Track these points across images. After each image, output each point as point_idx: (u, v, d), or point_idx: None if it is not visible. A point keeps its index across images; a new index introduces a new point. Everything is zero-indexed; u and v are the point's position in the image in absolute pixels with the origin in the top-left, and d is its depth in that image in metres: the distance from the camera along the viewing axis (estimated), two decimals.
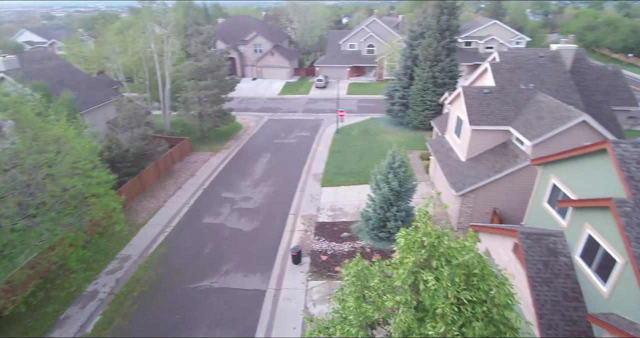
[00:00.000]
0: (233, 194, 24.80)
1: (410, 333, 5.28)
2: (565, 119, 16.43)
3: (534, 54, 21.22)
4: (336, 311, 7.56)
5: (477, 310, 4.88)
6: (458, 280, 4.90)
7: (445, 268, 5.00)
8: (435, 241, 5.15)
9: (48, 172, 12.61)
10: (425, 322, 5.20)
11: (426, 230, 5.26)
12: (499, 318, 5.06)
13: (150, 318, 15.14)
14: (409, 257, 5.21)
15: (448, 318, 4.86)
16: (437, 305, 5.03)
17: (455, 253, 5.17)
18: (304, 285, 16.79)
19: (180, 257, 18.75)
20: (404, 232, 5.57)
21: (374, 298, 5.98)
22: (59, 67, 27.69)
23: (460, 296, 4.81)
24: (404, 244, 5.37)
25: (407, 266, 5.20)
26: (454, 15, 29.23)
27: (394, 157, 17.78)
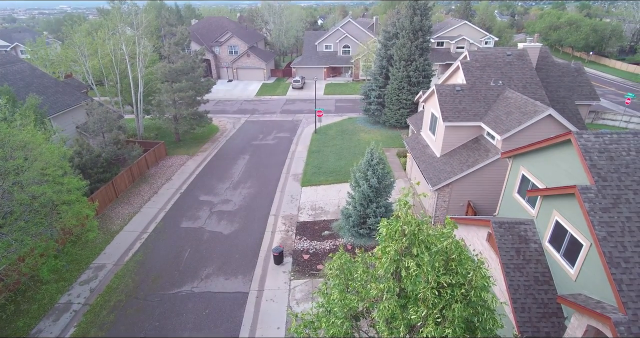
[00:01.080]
0: (212, 197, 24.44)
1: (394, 320, 5.40)
2: (532, 113, 17.17)
3: (502, 52, 22.06)
4: (320, 305, 7.61)
5: (456, 292, 5.06)
6: (437, 265, 5.07)
7: (426, 254, 5.15)
8: (416, 229, 5.31)
9: (15, 179, 12.03)
10: (407, 308, 5.34)
11: (406, 219, 5.40)
12: (477, 300, 5.26)
13: (128, 327, 14.69)
14: (390, 245, 5.34)
15: (429, 301, 5.02)
16: (418, 290, 5.18)
17: (434, 241, 5.34)
18: (287, 284, 16.76)
19: (158, 263, 18.29)
20: (385, 222, 5.70)
21: (358, 288, 6.07)
22: (24, 71, 26.47)
23: (440, 280, 4.97)
24: (385, 234, 5.49)
25: (390, 254, 5.32)
26: (426, 15, 29.97)
27: (372, 155, 18.03)
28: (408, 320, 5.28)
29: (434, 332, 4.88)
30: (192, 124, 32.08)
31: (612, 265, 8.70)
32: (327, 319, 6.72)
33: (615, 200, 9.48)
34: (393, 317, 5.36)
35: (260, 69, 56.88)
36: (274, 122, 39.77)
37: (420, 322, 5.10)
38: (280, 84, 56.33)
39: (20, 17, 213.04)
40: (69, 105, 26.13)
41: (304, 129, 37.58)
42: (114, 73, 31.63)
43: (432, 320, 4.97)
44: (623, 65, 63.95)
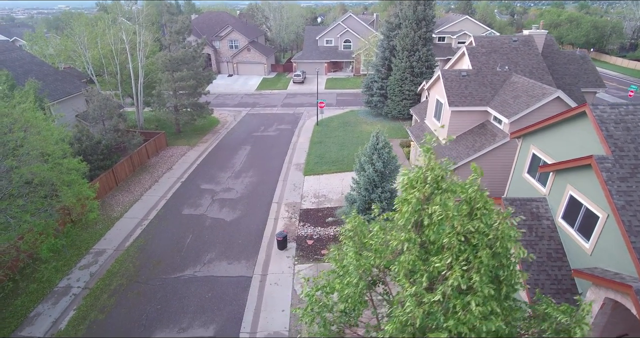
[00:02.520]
0: (213, 186, 24.12)
1: (414, 273, 5.12)
2: (540, 96, 16.93)
3: (508, 38, 21.83)
4: (332, 271, 7.33)
5: (482, 240, 4.78)
6: (462, 213, 4.79)
7: (452, 198, 4.88)
8: (440, 175, 5.02)
9: (15, 153, 11.72)
10: (428, 259, 5.06)
11: (430, 165, 5.11)
12: (503, 252, 4.98)
13: (129, 310, 14.36)
14: (412, 193, 5.05)
15: (454, 249, 4.73)
16: (442, 238, 4.89)
17: (458, 189, 5.06)
18: (291, 269, 16.46)
19: (159, 248, 17.97)
20: (406, 170, 5.42)
21: (375, 246, 5.78)
22: (23, 58, 26.13)
23: (467, 226, 4.69)
24: (407, 182, 5.20)
25: (412, 203, 5.04)
26: (430, 5, 29.75)
27: (377, 138, 17.73)
28: (430, 271, 5.00)
29: (460, 279, 4.59)
30: (193, 114, 31.77)
31: (631, 233, 8.44)
32: (340, 281, 6.43)
33: (632, 169, 9.23)
34: (414, 269, 5.07)
35: (261, 64, 56.60)
36: (275, 115, 39.48)
37: (444, 270, 4.82)
38: (281, 78, 56.05)
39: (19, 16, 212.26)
40: (68, 93, 25.79)
41: (306, 121, 37.31)
42: (113, 64, 31.26)
43: (458, 267, 4.69)
44: (624, 61, 63.90)
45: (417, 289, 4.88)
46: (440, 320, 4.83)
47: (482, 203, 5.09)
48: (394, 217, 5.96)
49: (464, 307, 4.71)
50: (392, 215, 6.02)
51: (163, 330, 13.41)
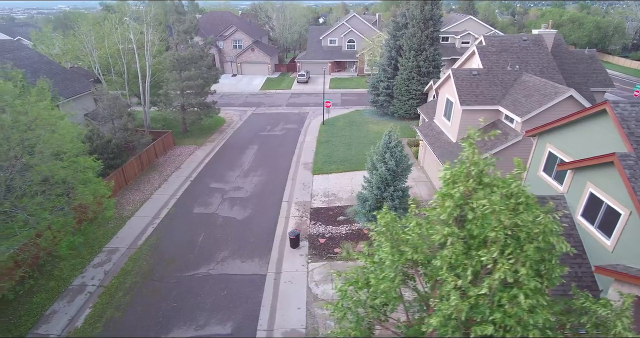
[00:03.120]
0: (222, 185, 24.15)
1: (457, 266, 5.16)
2: (553, 95, 16.98)
3: (518, 38, 21.89)
4: (362, 267, 7.36)
5: (529, 233, 4.81)
6: (510, 206, 4.83)
7: (497, 193, 4.92)
8: (485, 169, 5.06)
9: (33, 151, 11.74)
10: (471, 254, 5.10)
11: (473, 160, 5.15)
12: (545, 246, 5.02)
13: (145, 308, 14.39)
14: (455, 188, 5.09)
15: (500, 243, 4.77)
16: (486, 232, 4.93)
17: (500, 183, 5.10)
18: (305, 267, 16.49)
19: (172, 247, 18.00)
20: (447, 165, 5.46)
21: (412, 240, 5.82)
22: (32, 57, 26.15)
23: (514, 219, 4.73)
24: (449, 177, 5.24)
25: (455, 197, 5.08)
26: (437, 4, 29.80)
27: (390, 137, 17.78)
28: (473, 265, 5.03)
29: (507, 273, 4.64)
30: (200, 114, 31.80)
31: None
32: (375, 276, 6.47)
33: None
34: (457, 261, 5.11)
35: (265, 64, 56.65)
36: (281, 115, 39.52)
37: (490, 264, 4.85)
38: (285, 78, 56.10)
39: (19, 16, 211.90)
40: (77, 92, 25.81)
41: (311, 121, 37.35)
42: (120, 63, 31.28)
43: (503, 261, 4.73)
44: (627, 61, 64.02)
45: (463, 283, 4.92)
46: (486, 313, 4.87)
47: (524, 198, 5.13)
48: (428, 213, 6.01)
49: (510, 299, 4.75)
50: (428, 211, 6.06)
51: (180, 327, 13.44)
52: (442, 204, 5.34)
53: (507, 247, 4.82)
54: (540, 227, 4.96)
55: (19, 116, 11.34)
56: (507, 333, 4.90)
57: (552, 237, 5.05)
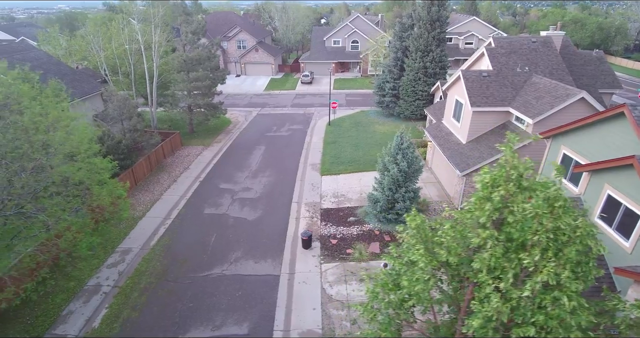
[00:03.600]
0: (232, 185, 24.24)
1: (495, 269, 5.25)
2: (564, 96, 17.08)
3: (527, 39, 21.99)
4: (391, 269, 7.45)
5: (570, 236, 4.91)
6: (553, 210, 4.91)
7: (540, 196, 5.01)
8: (524, 173, 5.16)
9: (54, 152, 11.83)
10: (510, 256, 5.19)
11: (513, 164, 5.25)
12: (582, 248, 5.11)
13: (162, 308, 14.48)
14: (496, 191, 5.18)
15: (542, 245, 4.87)
16: (526, 235, 5.02)
17: (539, 187, 5.19)
18: (318, 268, 16.58)
19: (185, 247, 18.08)
20: (487, 169, 5.55)
21: (448, 243, 5.91)
22: (41, 58, 26.21)
23: (557, 223, 4.82)
24: (488, 180, 5.33)
25: (494, 201, 5.17)
26: (444, 6, 29.91)
27: (402, 138, 17.89)
28: (513, 267, 5.12)
29: (550, 276, 4.73)
30: (207, 114, 31.89)
31: None
32: (408, 278, 6.55)
33: None
34: (496, 264, 5.20)
35: (269, 64, 56.73)
36: (286, 115, 39.61)
37: (532, 267, 4.94)
38: (289, 78, 56.19)
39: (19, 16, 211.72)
40: (86, 92, 25.87)
41: (317, 121, 37.45)
42: (128, 63, 31.36)
43: (546, 263, 4.82)
44: (629, 62, 64.17)
45: (505, 285, 5.01)
46: (528, 315, 4.96)
47: (562, 202, 5.22)
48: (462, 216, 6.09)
49: (553, 301, 4.84)
50: (462, 214, 6.15)
51: (197, 327, 13.52)
52: (480, 207, 5.43)
53: (547, 251, 4.91)
54: (580, 230, 5.05)
55: (39, 118, 11.42)
56: (548, 335, 5.00)
57: (590, 239, 5.14)
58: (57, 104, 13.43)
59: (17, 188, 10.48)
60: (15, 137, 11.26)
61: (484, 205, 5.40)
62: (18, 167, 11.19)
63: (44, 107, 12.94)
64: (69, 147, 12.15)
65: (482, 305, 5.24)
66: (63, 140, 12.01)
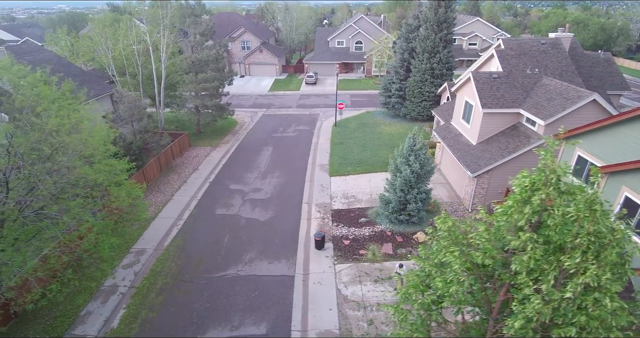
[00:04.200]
0: (242, 186, 24.37)
1: (534, 271, 5.38)
2: (576, 98, 17.23)
3: (537, 41, 22.13)
4: (421, 270, 7.56)
5: (610, 239, 5.04)
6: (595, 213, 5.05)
7: (581, 199, 5.15)
8: (563, 176, 5.29)
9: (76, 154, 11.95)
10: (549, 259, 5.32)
11: (552, 167, 5.38)
12: (620, 250, 5.25)
13: (179, 308, 14.60)
14: (536, 194, 5.32)
15: (582, 248, 5.00)
16: (566, 238, 5.16)
17: (577, 191, 5.33)
18: (332, 268, 16.70)
19: (198, 248, 18.22)
20: (525, 172, 5.68)
21: (483, 245, 6.03)
22: (51, 59, 26.32)
23: (596, 226, 4.95)
24: (527, 184, 5.46)
25: (533, 204, 5.30)
26: (451, 7, 30.05)
27: (414, 140, 18.02)
28: (551, 269, 5.25)
29: (593, 278, 4.86)
30: (215, 115, 32.01)
31: None
32: (442, 279, 6.67)
33: None
34: (536, 266, 5.33)
35: (273, 65, 56.86)
36: (292, 116, 39.75)
37: (573, 269, 5.08)
38: (293, 79, 56.33)
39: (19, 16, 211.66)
40: (97, 94, 25.99)
41: (323, 122, 37.59)
42: (135, 63, 31.48)
43: (588, 266, 4.96)
44: (632, 63, 64.34)
45: (546, 287, 5.15)
46: (569, 316, 5.10)
47: (599, 205, 5.35)
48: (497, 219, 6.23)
49: (594, 303, 4.98)
50: (496, 217, 6.27)
51: (216, 328, 13.65)
52: (519, 210, 5.56)
53: (586, 253, 5.05)
54: (619, 233, 5.18)
55: (63, 120, 11.54)
56: (589, 335, 5.13)
57: (628, 243, 5.28)
58: (76, 106, 13.53)
59: (41, 190, 10.60)
60: (39, 139, 11.38)
61: (522, 208, 5.53)
62: (41, 169, 11.32)
63: (64, 109, 13.07)
64: (90, 149, 12.26)
65: (522, 306, 5.38)
66: (85, 142, 12.13)
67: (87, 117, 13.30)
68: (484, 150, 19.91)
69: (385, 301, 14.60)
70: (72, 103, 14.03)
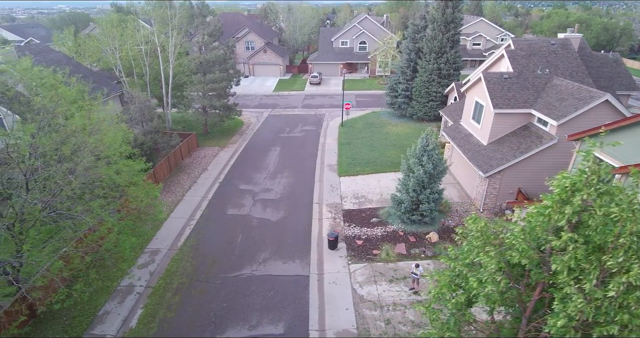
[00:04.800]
0: (252, 186, 24.45)
1: (573, 271, 5.47)
2: (588, 99, 17.31)
3: (546, 41, 22.22)
4: (451, 270, 7.64)
5: None
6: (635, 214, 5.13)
7: (624, 200, 5.23)
8: (605, 177, 5.38)
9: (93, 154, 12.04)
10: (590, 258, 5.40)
11: (593, 168, 5.46)
12: None
13: (197, 308, 14.68)
14: (578, 195, 5.40)
15: (624, 248, 5.08)
16: (607, 238, 5.24)
17: (617, 192, 5.41)
18: (346, 268, 16.78)
19: (212, 248, 18.30)
20: (565, 173, 5.77)
21: (520, 245, 6.11)
22: (61, 60, 26.40)
23: (638, 227, 5.03)
24: (568, 185, 5.54)
25: (574, 205, 5.38)
26: (458, 7, 30.13)
27: (427, 140, 18.11)
28: (592, 269, 5.34)
29: (636, 277, 4.94)
30: (222, 115, 32.09)
31: None
32: (477, 279, 6.74)
33: None
34: (577, 265, 5.41)
35: (277, 65, 56.94)
36: (298, 116, 39.83)
37: (615, 268, 5.16)
38: (297, 79, 56.40)
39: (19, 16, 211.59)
40: (106, 94, 26.04)
41: (329, 122, 37.67)
42: (143, 64, 31.55)
43: (629, 265, 5.04)
44: (635, 63, 64.44)
45: (588, 286, 5.23)
46: (610, 314, 5.18)
47: (638, 205, 5.43)
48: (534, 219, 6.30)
49: (637, 301, 5.07)
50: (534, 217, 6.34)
51: (234, 327, 13.73)
52: (559, 211, 5.64)
53: (628, 252, 5.13)
54: None
55: (85, 121, 11.63)
56: (630, 333, 5.22)
57: None
58: (96, 107, 13.61)
59: (66, 191, 10.68)
60: (62, 140, 11.46)
61: (562, 209, 5.61)
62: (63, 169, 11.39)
63: (83, 110, 13.14)
64: (112, 150, 12.35)
65: (563, 305, 5.46)
66: (106, 143, 12.22)
67: (107, 118, 13.36)
68: (495, 150, 20.00)
69: (402, 301, 14.68)
70: (90, 104, 14.09)
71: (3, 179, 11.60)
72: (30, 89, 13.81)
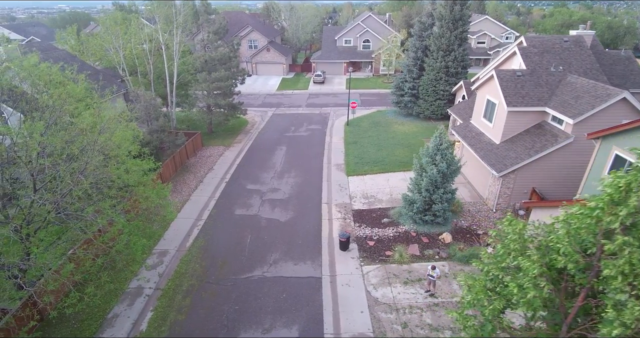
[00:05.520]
0: (259, 186, 24.11)
1: (627, 276, 5.14)
2: (605, 96, 16.96)
3: (559, 38, 21.87)
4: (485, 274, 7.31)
5: None
6: None
7: None
8: None
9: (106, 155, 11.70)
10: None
11: None
12: None
13: (208, 311, 14.35)
14: (632, 196, 5.07)
15: None
16: None
17: None
18: (359, 270, 16.45)
19: (221, 249, 17.96)
20: (619, 172, 5.44)
21: (565, 249, 5.79)
22: (65, 58, 26.02)
23: None
24: (622, 185, 5.21)
25: (629, 206, 5.06)
26: (466, 5, 29.76)
27: (440, 139, 17.77)
28: None
29: None
30: (227, 114, 31.74)
31: None
32: (517, 284, 6.40)
33: None
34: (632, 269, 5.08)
35: (280, 64, 56.57)
36: (302, 115, 39.49)
37: None
38: (300, 78, 56.04)
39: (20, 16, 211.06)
40: (111, 93, 25.65)
41: (334, 121, 37.32)
42: (147, 62, 31.18)
43: None
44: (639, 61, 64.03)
45: None
46: None
47: None
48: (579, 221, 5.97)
49: None
50: (577, 219, 6.01)
51: (247, 330, 13.40)
52: (612, 212, 5.31)
53: None
54: None
55: (95, 119, 11.29)
56: None
57: None
58: (105, 104, 13.26)
59: (76, 191, 10.33)
60: (70, 139, 11.12)
61: (615, 210, 5.28)
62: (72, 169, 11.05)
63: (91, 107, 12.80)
64: (122, 149, 12.01)
65: (618, 312, 5.14)
66: (117, 142, 11.88)
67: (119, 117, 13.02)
68: (509, 149, 19.65)
69: (418, 304, 14.36)
70: (99, 101, 13.74)
71: (10, 179, 11.26)
72: (37, 87, 13.45)
